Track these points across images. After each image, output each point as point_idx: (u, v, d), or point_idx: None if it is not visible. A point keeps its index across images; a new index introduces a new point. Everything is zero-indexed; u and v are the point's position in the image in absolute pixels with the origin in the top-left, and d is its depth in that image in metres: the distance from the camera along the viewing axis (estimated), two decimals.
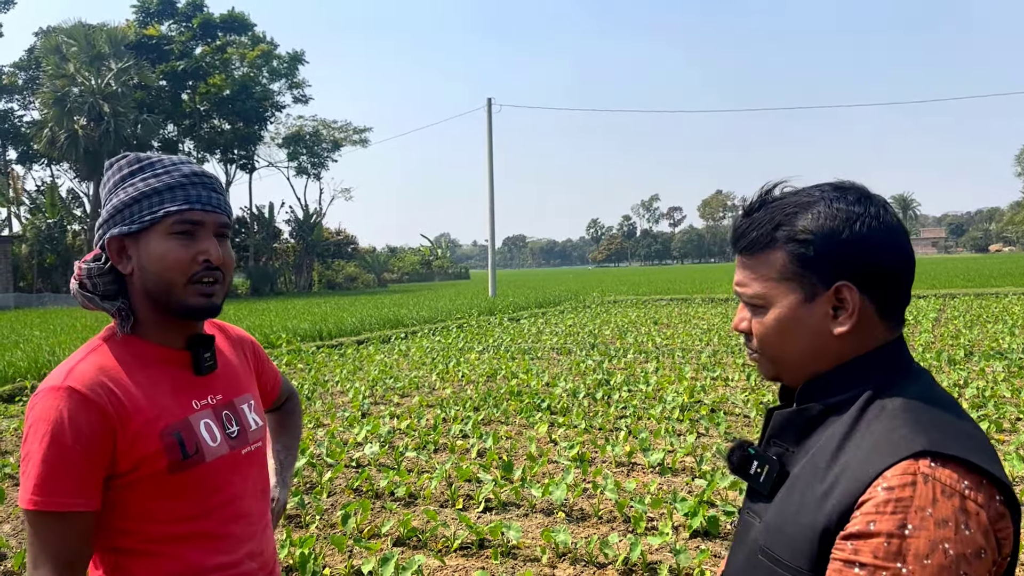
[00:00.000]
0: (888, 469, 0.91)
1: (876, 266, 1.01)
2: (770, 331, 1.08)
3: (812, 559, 0.95)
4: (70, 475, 1.27)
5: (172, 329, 1.44)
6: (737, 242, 1.11)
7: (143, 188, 1.37)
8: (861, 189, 1.06)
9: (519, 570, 4.17)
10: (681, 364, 11.36)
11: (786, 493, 1.03)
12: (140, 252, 1.37)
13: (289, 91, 54.19)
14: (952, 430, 0.95)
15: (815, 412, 1.05)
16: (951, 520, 0.87)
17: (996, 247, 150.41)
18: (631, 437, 6.88)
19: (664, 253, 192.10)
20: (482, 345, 14.82)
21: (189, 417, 1.40)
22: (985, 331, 14.08)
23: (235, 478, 1.46)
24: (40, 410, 1.30)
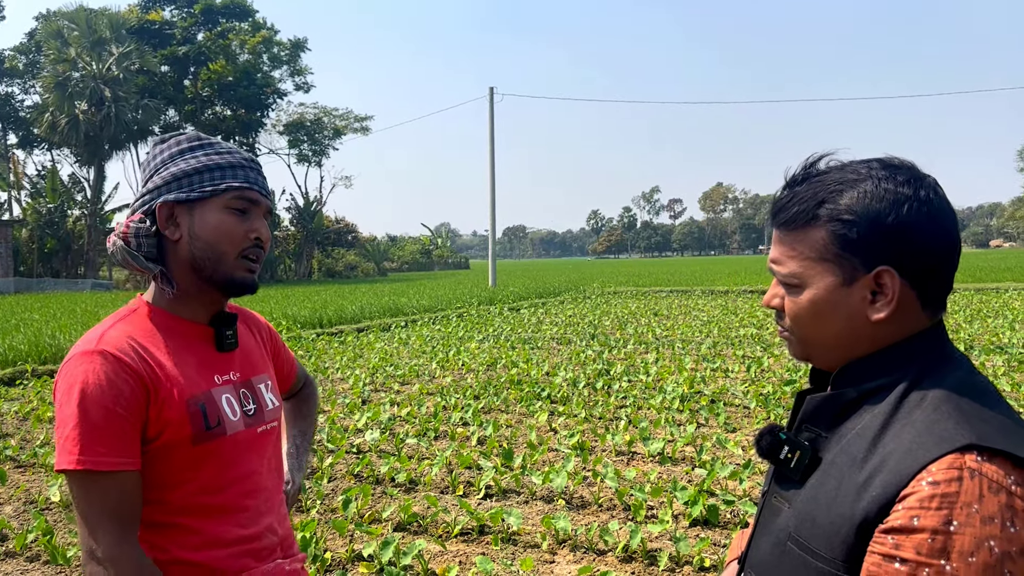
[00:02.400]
0: (933, 463, 0.88)
1: (920, 253, 0.96)
2: (804, 312, 1.04)
3: (847, 550, 0.92)
4: (115, 435, 1.29)
5: (200, 303, 1.47)
6: (776, 215, 1.06)
7: (206, 161, 1.42)
8: (912, 168, 1.00)
9: (519, 556, 4.19)
10: (681, 355, 11.36)
11: (819, 480, 0.99)
12: (193, 220, 1.41)
13: (291, 78, 54.05)
14: (997, 422, 0.92)
15: (851, 398, 1.01)
16: (997, 517, 0.84)
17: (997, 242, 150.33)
18: (631, 426, 6.90)
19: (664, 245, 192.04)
20: (482, 334, 14.83)
21: (212, 390, 1.43)
22: (985, 326, 14.09)
23: (252, 455, 1.49)
24: (76, 373, 1.31)
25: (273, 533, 1.52)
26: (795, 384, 8.48)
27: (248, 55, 50.55)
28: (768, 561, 1.05)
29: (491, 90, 34.25)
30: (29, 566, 4.25)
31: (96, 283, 41.85)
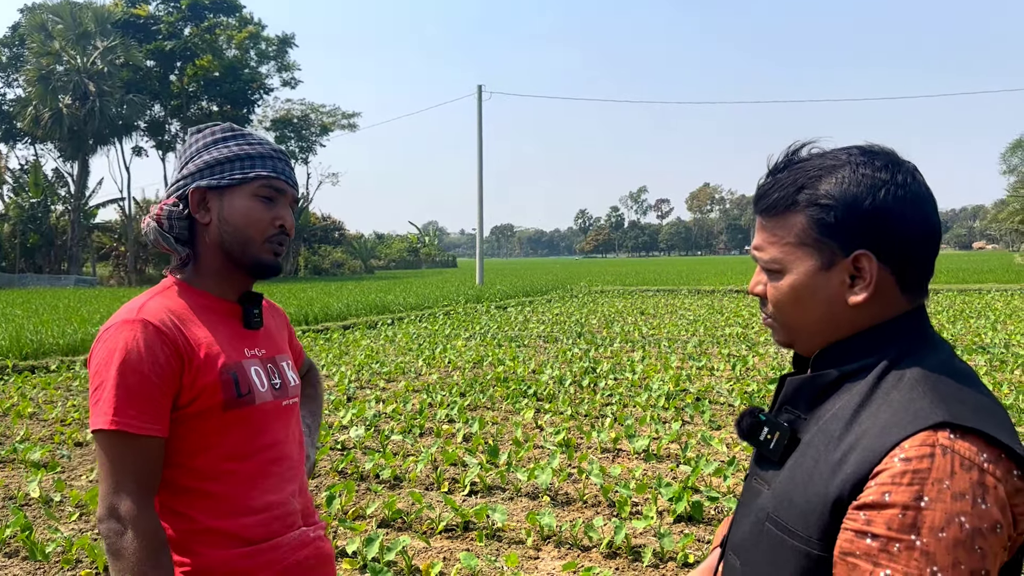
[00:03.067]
0: (906, 440, 0.88)
1: (898, 237, 0.97)
2: (785, 297, 1.05)
3: (823, 528, 0.92)
4: (148, 401, 1.37)
5: (230, 282, 1.56)
6: (758, 202, 1.07)
7: (237, 151, 1.51)
8: (890, 154, 1.01)
9: (504, 552, 4.18)
10: (667, 353, 11.39)
11: (797, 461, 1.00)
12: (224, 206, 1.50)
13: (278, 74, 53.78)
14: (972, 402, 0.93)
15: (830, 379, 1.02)
16: (968, 493, 0.84)
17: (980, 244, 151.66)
18: (616, 424, 6.90)
19: (651, 245, 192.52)
20: (469, 332, 14.80)
21: (243, 362, 1.52)
22: (968, 326, 14.20)
23: (278, 425, 1.56)
24: (117, 339, 1.39)
25: (296, 500, 1.58)
26: None
27: (235, 50, 50.27)
28: (748, 542, 1.05)
29: (479, 88, 34.25)
30: (8, 562, 4.20)
31: (80, 279, 41.54)
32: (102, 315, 16.86)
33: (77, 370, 10.69)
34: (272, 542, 1.50)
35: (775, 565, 0.99)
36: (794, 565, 0.96)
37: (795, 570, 0.95)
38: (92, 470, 5.79)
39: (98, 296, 26.93)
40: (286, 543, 1.52)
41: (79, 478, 5.72)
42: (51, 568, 4.12)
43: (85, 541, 4.15)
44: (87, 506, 4.97)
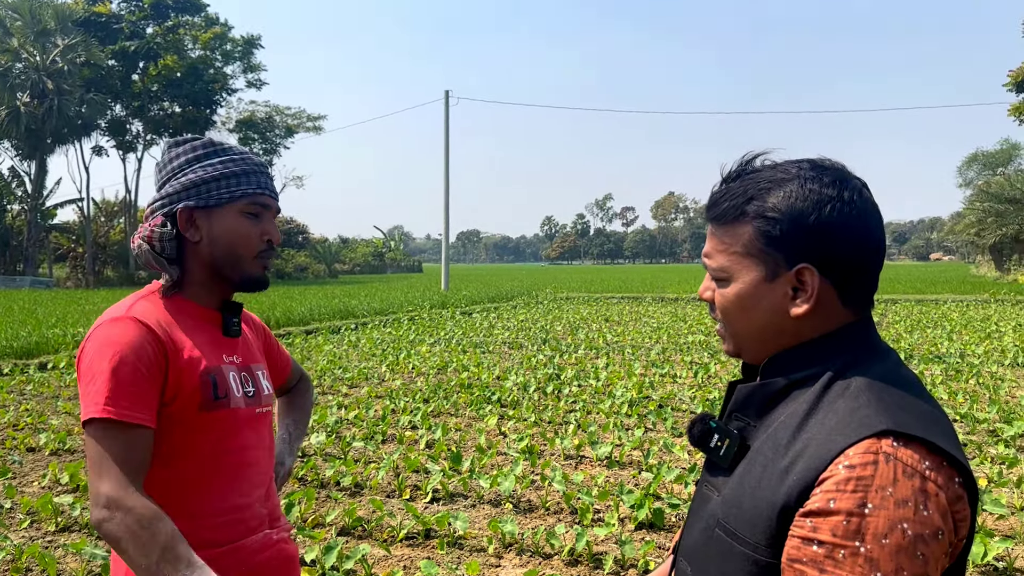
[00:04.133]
0: (850, 447, 0.90)
1: (840, 253, 0.99)
2: (731, 305, 1.07)
3: (770, 535, 0.94)
4: (137, 393, 1.41)
5: (211, 293, 1.61)
6: (710, 209, 1.09)
7: (223, 170, 1.54)
8: (840, 170, 1.02)
9: (465, 560, 4.16)
10: (631, 360, 11.45)
11: (746, 468, 1.01)
12: (212, 225, 1.55)
13: (244, 75, 53.17)
14: (915, 411, 0.94)
15: (778, 387, 1.03)
16: (911, 500, 0.86)
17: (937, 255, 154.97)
18: (580, 431, 6.92)
19: (616, 252, 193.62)
20: (433, 338, 14.75)
21: (221, 366, 1.56)
22: (924, 335, 14.48)
23: (249, 431, 1.60)
24: (109, 335, 1.44)
25: (262, 504, 1.62)
26: None
27: (200, 50, 49.61)
28: (698, 548, 1.06)
29: (447, 93, 34.20)
30: None
31: (35, 281, 40.63)
32: (58, 317, 16.50)
33: (31, 374, 10.44)
34: (235, 544, 1.54)
35: (724, 571, 0.99)
36: (742, 571, 0.97)
37: (744, 574, 0.96)
38: (44, 476, 5.66)
39: (54, 298, 26.36)
40: (249, 545, 1.56)
41: (31, 484, 5.58)
42: (4, 568, 4.01)
43: (36, 549, 4.04)
44: (38, 513, 4.86)
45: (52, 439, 6.58)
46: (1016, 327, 15.74)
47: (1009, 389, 8.80)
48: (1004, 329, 15.33)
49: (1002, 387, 8.74)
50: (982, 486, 5.08)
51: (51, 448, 6.47)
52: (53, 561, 3.92)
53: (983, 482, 5.17)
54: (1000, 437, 6.56)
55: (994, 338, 13.85)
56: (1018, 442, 6.49)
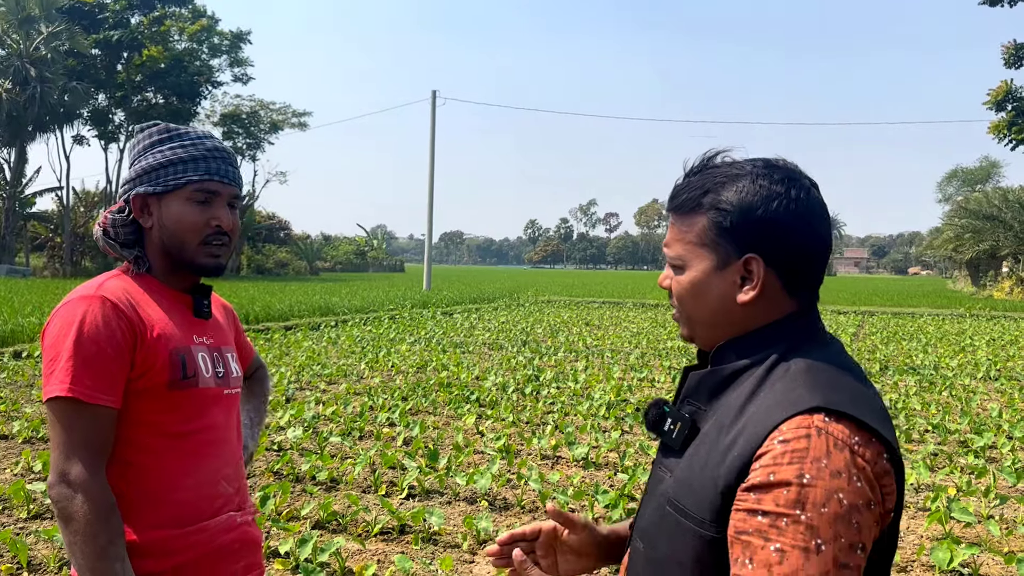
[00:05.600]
0: (784, 423, 0.95)
1: (786, 245, 1.05)
2: (685, 292, 1.13)
3: (715, 511, 0.99)
4: (103, 372, 1.42)
5: (177, 277, 1.62)
6: (671, 200, 1.15)
7: (171, 156, 1.55)
8: (791, 170, 1.09)
9: (439, 556, 4.17)
10: (610, 364, 11.50)
11: (695, 449, 1.06)
12: (162, 211, 1.56)
13: (230, 68, 52.83)
14: (848, 392, 1.00)
15: (726, 373, 1.09)
16: (844, 472, 0.91)
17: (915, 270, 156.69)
18: (557, 431, 6.95)
19: (599, 257, 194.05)
20: (414, 337, 14.74)
21: (191, 347, 1.57)
22: (900, 347, 14.65)
23: (217, 410, 1.62)
24: (75, 312, 1.45)
25: (229, 484, 1.63)
26: None
27: (187, 43, 49.25)
28: (651, 525, 1.11)
29: (433, 93, 34.17)
30: None
31: (12, 269, 40.15)
32: (34, 306, 16.34)
33: (5, 361, 10.33)
34: (199, 525, 1.55)
35: (673, 547, 1.04)
36: (690, 546, 1.02)
37: (691, 551, 1.02)
38: (16, 463, 5.61)
39: (30, 287, 26.07)
40: (213, 526, 1.57)
41: (2, 472, 5.53)
42: None
43: (7, 535, 4.02)
44: (10, 500, 4.82)
45: (25, 427, 6.52)
46: (990, 342, 15.97)
47: (980, 401, 8.93)
48: (978, 343, 15.54)
49: (974, 399, 8.87)
50: (951, 494, 5.16)
51: (24, 436, 6.41)
52: (25, 547, 3.90)
53: (952, 491, 5.25)
54: (970, 448, 6.66)
55: (968, 352, 14.04)
56: (987, 453, 6.60)
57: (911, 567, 4.19)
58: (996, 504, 5.04)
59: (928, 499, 5.09)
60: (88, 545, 1.38)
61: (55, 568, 3.91)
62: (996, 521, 4.60)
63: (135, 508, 1.48)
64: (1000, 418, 7.83)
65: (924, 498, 5.21)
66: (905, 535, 4.64)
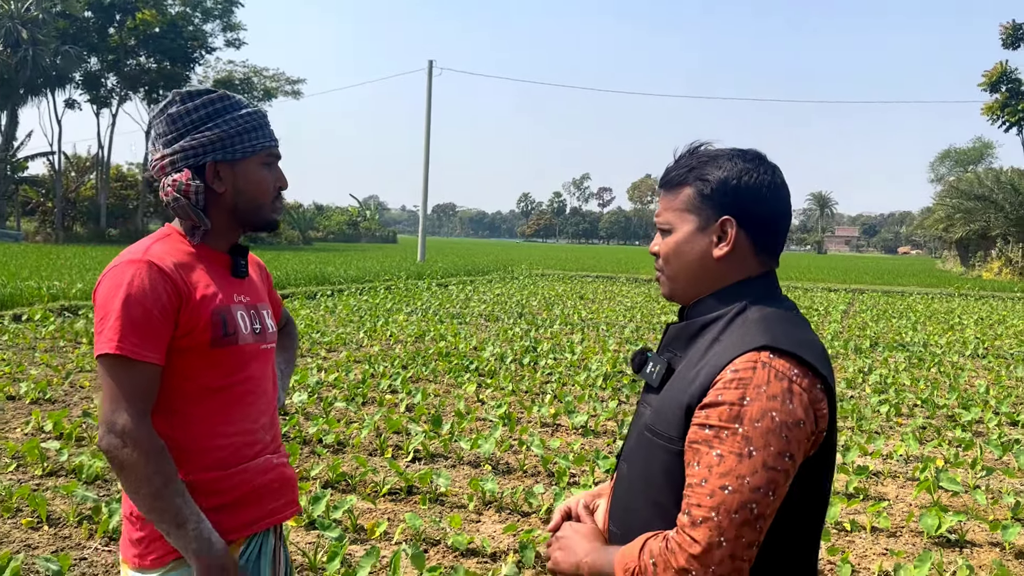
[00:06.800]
0: (737, 358, 1.20)
1: (754, 210, 1.31)
2: (671, 250, 1.37)
3: (681, 429, 1.23)
4: (149, 331, 1.52)
5: (223, 236, 1.73)
6: (663, 179, 1.41)
7: (241, 124, 1.66)
8: (760, 155, 1.37)
9: (446, 515, 4.31)
10: (605, 337, 11.65)
11: (669, 385, 1.31)
12: (236, 177, 1.67)
13: (223, 33, 52.29)
14: (793, 336, 1.24)
15: (699, 324, 1.33)
16: (779, 396, 1.16)
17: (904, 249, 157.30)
18: (556, 400, 7.09)
19: (591, 232, 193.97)
20: (410, 307, 14.84)
21: (230, 306, 1.68)
22: (890, 325, 14.85)
23: (255, 364, 1.74)
24: (123, 276, 1.54)
25: (266, 431, 1.76)
26: None
27: (179, 6, 48.65)
28: (633, 449, 1.37)
29: (430, 63, 33.98)
30: None
31: (3, 233, 39.97)
32: (31, 270, 16.35)
33: (6, 324, 10.40)
34: (241, 467, 1.67)
35: (648, 463, 1.31)
36: (661, 460, 1.27)
37: (662, 463, 1.27)
38: (27, 423, 5.72)
39: (25, 251, 26.00)
40: (253, 468, 1.69)
41: (14, 431, 5.63)
42: None
43: (26, 490, 4.13)
44: (24, 457, 4.93)
45: (32, 388, 6.62)
46: (978, 321, 16.19)
47: (968, 378, 9.12)
48: (966, 322, 15.75)
49: (962, 376, 9.06)
50: (939, 466, 5.33)
51: (31, 397, 6.51)
52: (44, 502, 4.02)
53: (940, 462, 5.42)
54: (958, 422, 6.84)
55: (956, 330, 14.25)
56: (974, 427, 6.78)
57: (900, 532, 4.35)
58: (983, 475, 5.22)
59: (917, 469, 5.26)
60: (144, 487, 1.49)
61: (74, 523, 4.03)
62: (982, 491, 4.76)
63: (183, 453, 1.59)
64: (987, 394, 8.01)
65: (913, 468, 5.38)
66: (895, 503, 4.81)
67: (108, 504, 3.93)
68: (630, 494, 1.36)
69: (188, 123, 1.65)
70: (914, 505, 4.79)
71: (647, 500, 1.31)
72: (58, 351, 8.91)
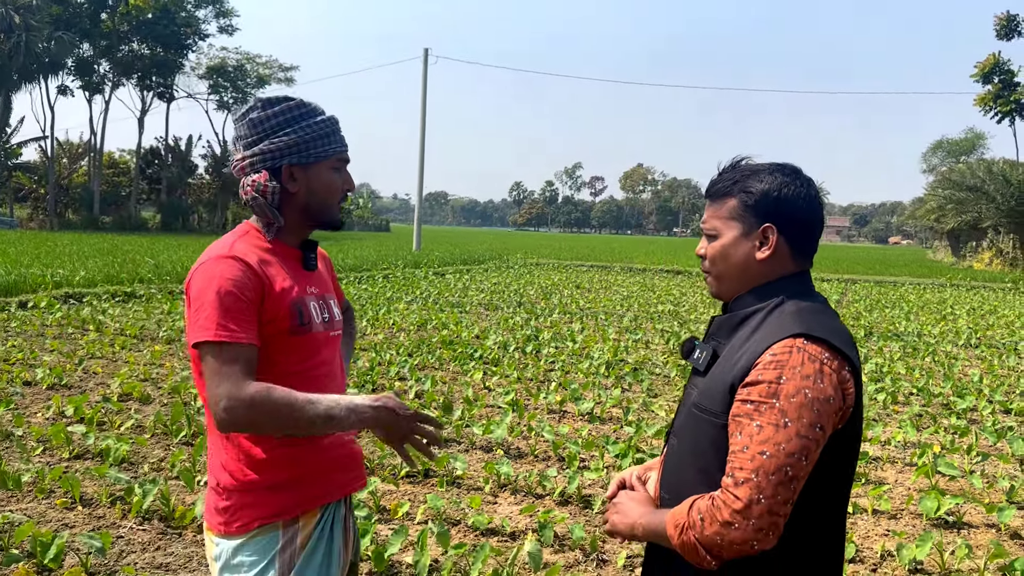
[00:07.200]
0: (775, 343, 1.39)
1: (793, 218, 1.50)
2: (717, 253, 1.56)
3: (725, 405, 1.42)
4: (242, 318, 1.66)
5: (295, 233, 1.86)
6: (709, 190, 1.60)
7: (316, 131, 1.80)
8: (796, 169, 1.56)
9: (464, 497, 4.47)
10: (604, 326, 11.81)
11: (715, 369, 1.50)
12: (310, 179, 1.81)
13: (215, 19, 52.06)
14: (825, 325, 1.42)
15: (740, 316, 1.52)
16: (812, 376, 1.34)
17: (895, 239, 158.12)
18: (561, 388, 7.24)
19: (583, 221, 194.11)
20: (410, 296, 14.97)
21: (304, 297, 1.81)
22: (883, 315, 15.07)
23: (326, 350, 1.86)
24: (214, 270, 1.68)
25: None
26: None
27: None
28: (682, 425, 1.56)
29: (426, 51, 33.95)
30: None
31: None
32: (32, 257, 16.40)
33: (13, 311, 10.49)
34: (317, 442, 1.80)
35: (696, 435, 1.50)
36: (708, 433, 1.46)
37: (708, 436, 1.46)
38: (48, 408, 5.84)
39: (22, 238, 25.99)
40: (327, 443, 1.82)
41: (34, 415, 5.76)
42: (24, 496, 4.23)
43: (58, 472, 4.26)
44: (50, 441, 5.05)
45: (48, 374, 6.74)
46: (970, 311, 16.43)
47: (962, 368, 9.32)
48: (959, 312, 15.99)
49: (956, 365, 9.27)
50: (936, 451, 5.51)
51: (48, 383, 6.63)
52: (78, 483, 4.16)
53: (936, 448, 5.61)
54: (953, 410, 7.03)
55: (949, 320, 14.48)
56: (969, 415, 6.97)
57: (901, 515, 4.53)
58: (978, 461, 5.40)
59: (914, 455, 5.44)
60: (284, 425, 1.61)
61: (107, 503, 4.16)
62: (978, 476, 4.95)
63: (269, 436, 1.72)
64: (981, 383, 8.21)
65: (911, 454, 5.56)
66: (894, 487, 4.99)
67: (141, 485, 4.07)
68: (680, 464, 1.54)
69: (268, 128, 1.78)
70: (913, 489, 4.97)
71: (695, 468, 1.49)
72: (67, 338, 9.02)
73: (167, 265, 17.07)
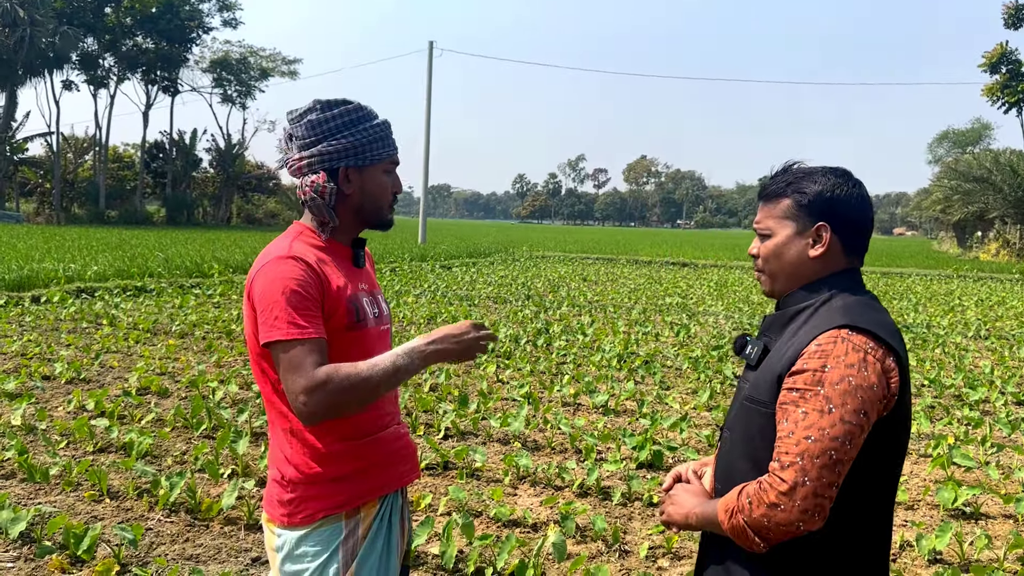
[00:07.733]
0: (821, 334, 1.44)
1: (844, 217, 1.55)
2: (771, 252, 1.61)
3: (773, 395, 1.48)
4: (311, 315, 1.71)
5: (346, 232, 1.92)
6: (762, 192, 1.66)
7: (371, 135, 1.86)
8: (847, 171, 1.62)
9: (484, 489, 4.51)
10: (614, 319, 11.84)
11: (765, 363, 1.56)
12: (364, 180, 1.87)
13: (219, 13, 52.02)
14: (870, 318, 1.47)
15: (791, 312, 1.58)
16: (856, 364, 1.40)
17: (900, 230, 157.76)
18: (575, 381, 7.29)
19: (587, 213, 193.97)
20: (418, 289, 15.01)
21: (357, 294, 1.86)
22: (891, 307, 15.07)
23: (379, 345, 1.90)
24: (277, 271, 1.73)
25: (392, 404, 1.96)
26: (721, 349, 9.07)
27: None
28: (735, 417, 1.62)
29: (431, 44, 33.92)
30: (5, 483, 4.34)
31: (4, 214, 39.95)
32: (42, 252, 16.47)
33: (27, 306, 10.55)
34: (375, 436, 1.86)
35: (747, 426, 1.55)
36: (757, 422, 1.52)
37: (758, 425, 1.51)
38: (69, 402, 5.89)
39: (30, 233, 26.08)
40: (385, 436, 1.89)
41: (55, 409, 5.81)
42: (52, 489, 4.28)
43: (85, 465, 4.32)
44: (73, 435, 5.11)
45: (67, 369, 6.79)
46: (978, 302, 16.42)
47: (972, 359, 9.34)
48: (967, 304, 15.99)
49: (966, 357, 9.28)
50: (951, 443, 5.55)
51: (66, 377, 6.69)
52: (105, 476, 4.21)
53: (951, 439, 5.64)
54: (965, 401, 7.06)
55: (957, 311, 14.49)
56: (982, 407, 7.00)
57: (918, 506, 4.57)
58: (993, 452, 5.44)
59: (929, 446, 5.47)
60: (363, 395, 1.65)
61: (134, 495, 4.22)
62: (994, 467, 4.98)
63: (327, 425, 1.76)
64: (992, 374, 8.23)
65: (925, 445, 5.60)
66: (910, 478, 5.02)
67: (168, 478, 4.12)
68: (732, 454, 1.60)
69: (325, 130, 1.83)
70: (928, 480, 5.01)
71: (746, 456, 1.55)
72: (82, 332, 9.08)
73: (176, 259, 17.12)
